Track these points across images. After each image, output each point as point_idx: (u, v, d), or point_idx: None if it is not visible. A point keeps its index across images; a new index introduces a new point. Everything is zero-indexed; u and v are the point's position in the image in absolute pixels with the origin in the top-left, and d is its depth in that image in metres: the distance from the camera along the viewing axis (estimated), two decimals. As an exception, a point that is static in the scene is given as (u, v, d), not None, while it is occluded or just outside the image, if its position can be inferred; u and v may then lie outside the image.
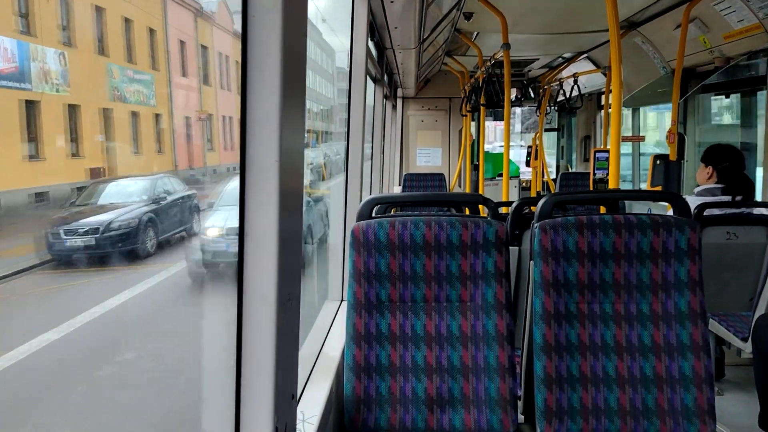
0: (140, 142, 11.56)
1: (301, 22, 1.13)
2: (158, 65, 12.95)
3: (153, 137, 12.32)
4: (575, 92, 7.58)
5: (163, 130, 12.85)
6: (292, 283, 1.16)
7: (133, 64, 11.56)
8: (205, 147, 15.13)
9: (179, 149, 13.55)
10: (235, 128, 16.50)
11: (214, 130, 15.80)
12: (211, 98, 15.76)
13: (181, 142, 13.67)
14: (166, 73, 13.18)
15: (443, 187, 7.57)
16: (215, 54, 16.23)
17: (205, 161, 15.02)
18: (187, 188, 9.40)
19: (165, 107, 13.04)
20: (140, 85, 11.68)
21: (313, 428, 1.62)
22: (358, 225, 1.93)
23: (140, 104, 11.59)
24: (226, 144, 16.38)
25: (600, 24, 5.23)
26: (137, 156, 11.36)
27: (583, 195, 2.75)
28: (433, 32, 4.88)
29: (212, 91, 15.91)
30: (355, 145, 2.94)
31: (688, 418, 1.82)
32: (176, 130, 13.42)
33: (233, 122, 16.66)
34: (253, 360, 1.10)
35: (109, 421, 4.50)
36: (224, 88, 16.69)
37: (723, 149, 3.43)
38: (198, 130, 14.71)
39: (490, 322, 1.89)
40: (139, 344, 5.81)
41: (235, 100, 16.75)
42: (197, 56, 15.12)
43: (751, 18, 4.03)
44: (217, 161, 15.67)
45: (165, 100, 12.96)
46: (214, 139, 15.69)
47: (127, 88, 11.06)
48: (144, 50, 12.21)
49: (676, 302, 1.86)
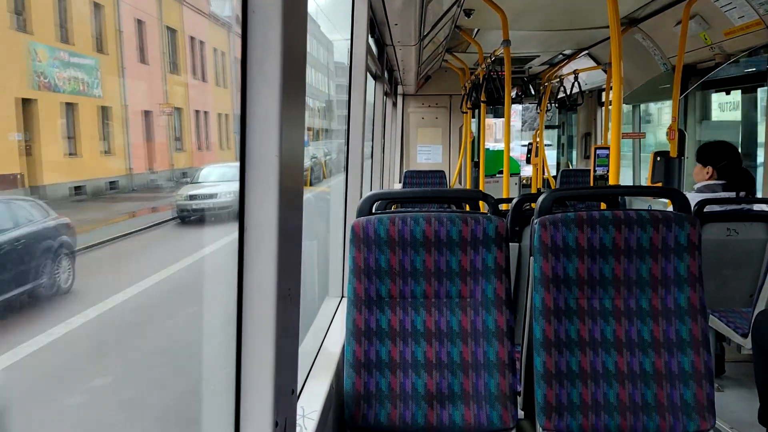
0: (78, 141, 9.14)
1: (302, 19, 1.13)
2: (106, 48, 10.28)
3: (97, 135, 9.84)
4: (576, 89, 7.57)
5: (113, 126, 10.20)
6: (292, 278, 1.16)
7: (70, 45, 9.16)
8: (172, 147, 12.65)
9: (135, 149, 11.00)
10: (212, 125, 14.58)
11: (184, 127, 13.14)
12: (180, 90, 13.23)
13: (138, 140, 11.17)
14: (117, 58, 10.58)
15: (444, 184, 7.58)
16: (186, 39, 13.63)
17: (172, 163, 12.35)
18: (52, 216, 5.57)
19: (115, 99, 10.40)
20: (79, 70, 9.29)
21: (313, 423, 1.63)
22: (359, 221, 1.93)
23: (78, 94, 9.23)
24: (201, 143, 14.05)
25: (600, 21, 5.23)
26: (73, 158, 8.85)
27: (583, 191, 2.75)
28: (433, 29, 4.88)
29: (182, 82, 13.39)
30: (356, 142, 2.94)
31: (687, 414, 1.82)
32: (131, 127, 10.91)
33: (209, 118, 14.50)
34: (253, 355, 1.10)
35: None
36: (198, 79, 14.22)
37: (719, 147, 3.42)
38: (162, 126, 12.19)
39: (490, 318, 1.90)
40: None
41: (215, 93, 14.51)
42: (162, 40, 12.53)
43: (752, 14, 4.02)
44: (187, 163, 13.02)
45: (115, 90, 10.47)
46: (184, 138, 13.11)
47: (59, 74, 8.70)
48: (86, 30, 9.80)
49: (675, 298, 1.86)
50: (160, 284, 6.53)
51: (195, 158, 13.37)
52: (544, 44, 7.07)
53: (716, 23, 4.46)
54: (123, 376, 4.80)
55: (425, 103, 9.69)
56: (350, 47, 2.94)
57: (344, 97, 26.25)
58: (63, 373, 4.52)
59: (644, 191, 4.20)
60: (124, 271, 6.85)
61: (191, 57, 13.83)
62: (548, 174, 9.42)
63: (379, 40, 4.44)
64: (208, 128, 14.52)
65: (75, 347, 4.91)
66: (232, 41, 15.58)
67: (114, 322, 5.49)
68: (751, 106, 5.27)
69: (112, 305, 5.65)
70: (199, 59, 14.26)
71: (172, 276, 6.90)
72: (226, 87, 15.67)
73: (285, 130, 1.06)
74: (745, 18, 4.13)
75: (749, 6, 3.99)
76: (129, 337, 5.32)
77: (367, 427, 1.89)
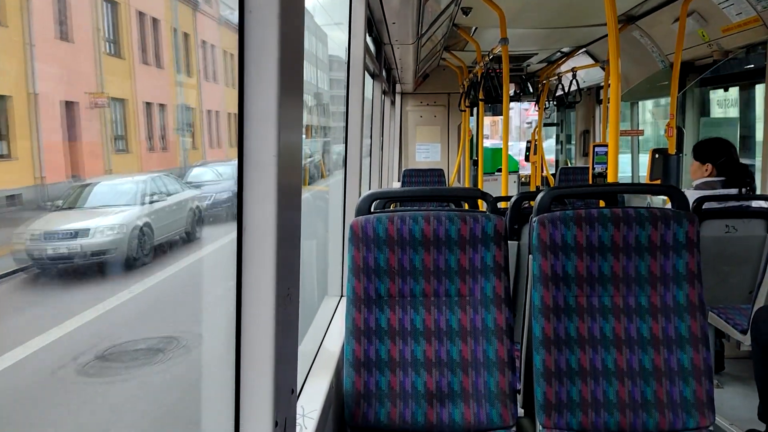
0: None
1: (299, 18, 1.13)
2: (4, 18, 7.42)
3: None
4: (574, 87, 7.58)
5: (12, 120, 7.10)
6: (291, 279, 1.16)
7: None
8: (109, 148, 9.52)
9: (51, 151, 7.69)
10: (170, 120, 11.46)
11: (129, 123, 10.06)
12: (122, 76, 10.14)
13: (56, 139, 8.13)
14: (20, 33, 7.64)
15: (442, 182, 7.58)
16: (132, 14, 10.66)
17: (110, 167, 9.51)
18: None
19: (20, 86, 7.47)
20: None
21: (313, 423, 1.63)
22: (357, 220, 1.93)
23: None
24: (154, 143, 10.73)
25: (598, 18, 5.22)
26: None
27: (582, 189, 2.76)
28: (431, 27, 4.88)
29: (125, 67, 10.22)
30: (354, 141, 2.94)
31: (687, 411, 1.82)
32: (45, 122, 7.64)
33: (167, 112, 11.44)
34: (252, 355, 1.10)
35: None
36: (148, 64, 11.00)
37: (716, 144, 3.42)
38: (94, 121, 9.12)
39: (489, 316, 1.90)
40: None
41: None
42: (94, 13, 9.53)
43: (750, 11, 4.02)
44: (134, 167, 10.18)
45: (19, 74, 7.57)
46: (130, 136, 10.08)
47: None
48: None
49: (674, 295, 1.86)
50: None
51: (144, 162, 10.22)
52: (542, 42, 7.07)
53: (714, 20, 4.46)
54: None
55: (423, 102, 9.69)
56: (348, 46, 2.93)
57: (337, 92, 25.21)
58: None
59: (643, 189, 4.20)
60: None
61: (139, 35, 10.52)
62: (547, 172, 9.43)
63: (377, 39, 4.44)
64: (166, 124, 11.31)
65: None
66: (198, 21, 12.54)
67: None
68: (749, 102, 5.27)
69: None
70: (152, 38, 10.94)
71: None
72: (192, 76, 12.47)
73: (283, 129, 1.06)
74: (742, 15, 4.13)
75: (747, 3, 3.99)
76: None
77: (367, 426, 1.89)
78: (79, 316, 5.07)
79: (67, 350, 4.60)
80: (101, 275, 5.85)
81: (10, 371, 4.24)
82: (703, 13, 4.52)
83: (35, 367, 4.38)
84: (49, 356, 4.50)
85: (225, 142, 13.45)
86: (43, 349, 4.49)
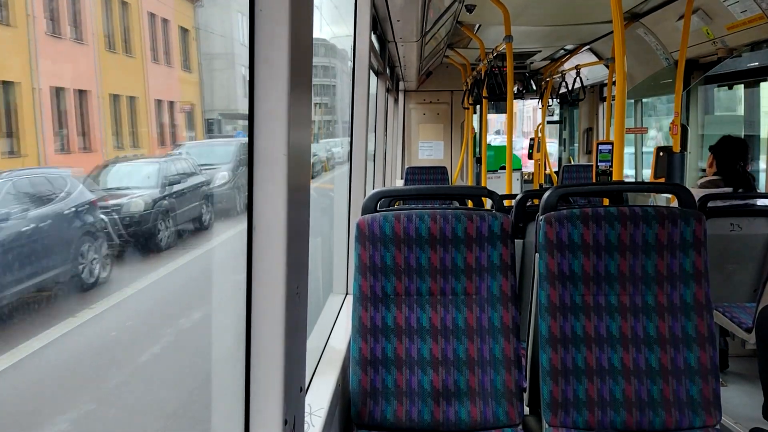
0: None
1: (308, 16, 1.13)
2: None
3: None
4: (577, 84, 7.56)
5: None
6: (300, 276, 1.16)
7: None
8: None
9: None
10: (93, 110, 7.09)
11: (23, 113, 5.39)
12: (19, 51, 5.58)
13: None
14: None
15: (446, 180, 7.57)
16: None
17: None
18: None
19: None
20: None
21: (320, 421, 1.63)
22: (364, 218, 1.93)
23: None
24: (65, 139, 6.41)
25: (603, 15, 5.21)
26: None
27: (589, 187, 2.76)
28: (435, 25, 4.87)
29: (18, 38, 5.50)
30: (359, 139, 2.94)
31: (693, 409, 1.82)
32: None
33: (91, 99, 7.11)
34: (262, 353, 1.10)
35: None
36: (58, 35, 6.53)
37: (727, 140, 3.42)
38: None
39: (495, 314, 1.90)
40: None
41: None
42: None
43: (755, 8, 4.01)
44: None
45: None
46: (23, 131, 5.30)
47: None
48: None
49: (681, 294, 1.86)
50: None
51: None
52: (545, 39, 7.05)
53: (719, 18, 4.45)
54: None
55: (427, 99, 9.68)
56: (353, 44, 2.93)
57: (327, 82, 23.88)
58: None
59: (650, 188, 4.20)
60: None
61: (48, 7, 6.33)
62: (550, 170, 9.41)
63: (381, 37, 4.44)
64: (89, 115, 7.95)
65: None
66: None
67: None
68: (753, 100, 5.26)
69: None
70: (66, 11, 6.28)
71: None
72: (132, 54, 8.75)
73: (293, 128, 1.06)
74: (747, 12, 4.11)
75: (752, 0, 3.97)
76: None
77: (374, 424, 1.90)
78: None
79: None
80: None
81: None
82: (707, 11, 4.51)
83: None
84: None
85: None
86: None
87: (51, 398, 3.99)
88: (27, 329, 3.97)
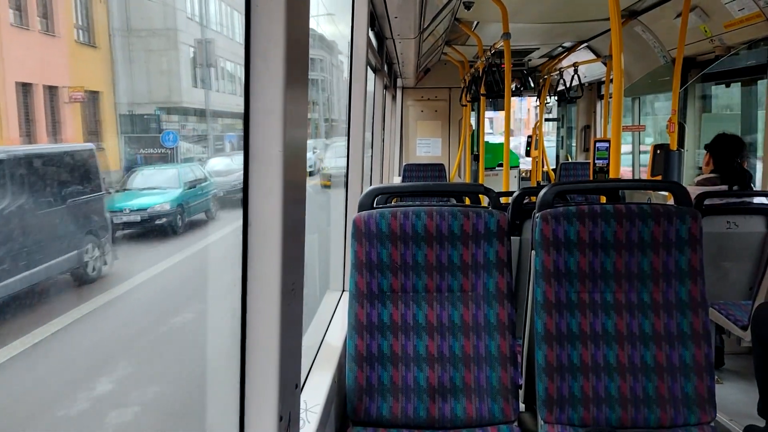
0: None
1: (305, 13, 1.13)
2: None
3: None
4: (575, 82, 7.56)
5: None
6: (296, 272, 1.16)
7: None
8: None
9: None
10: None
11: None
12: None
13: None
14: None
15: (443, 177, 7.57)
16: None
17: None
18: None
19: None
20: None
21: (316, 417, 1.63)
22: (360, 215, 1.93)
23: None
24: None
25: (600, 13, 5.21)
26: None
27: (585, 184, 2.76)
28: (433, 22, 4.86)
29: None
30: (356, 136, 2.93)
31: (688, 407, 1.83)
32: None
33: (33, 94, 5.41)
34: (258, 349, 1.11)
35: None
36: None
37: (724, 138, 3.43)
38: None
39: (491, 311, 1.90)
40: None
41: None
42: None
43: (752, 6, 4.01)
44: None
45: None
46: None
47: None
48: None
49: (676, 291, 1.87)
50: None
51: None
52: (543, 37, 7.04)
53: (716, 15, 4.45)
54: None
55: (425, 96, 9.67)
56: (351, 41, 2.93)
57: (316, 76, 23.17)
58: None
59: (646, 185, 4.21)
60: None
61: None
62: (548, 167, 9.42)
63: (378, 34, 4.43)
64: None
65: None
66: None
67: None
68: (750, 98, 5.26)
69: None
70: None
71: None
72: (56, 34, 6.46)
73: (288, 124, 1.06)
74: (745, 10, 4.11)
75: (750, -2, 3.97)
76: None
77: (370, 421, 1.90)
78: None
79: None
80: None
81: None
82: (705, 9, 4.50)
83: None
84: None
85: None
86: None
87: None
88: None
